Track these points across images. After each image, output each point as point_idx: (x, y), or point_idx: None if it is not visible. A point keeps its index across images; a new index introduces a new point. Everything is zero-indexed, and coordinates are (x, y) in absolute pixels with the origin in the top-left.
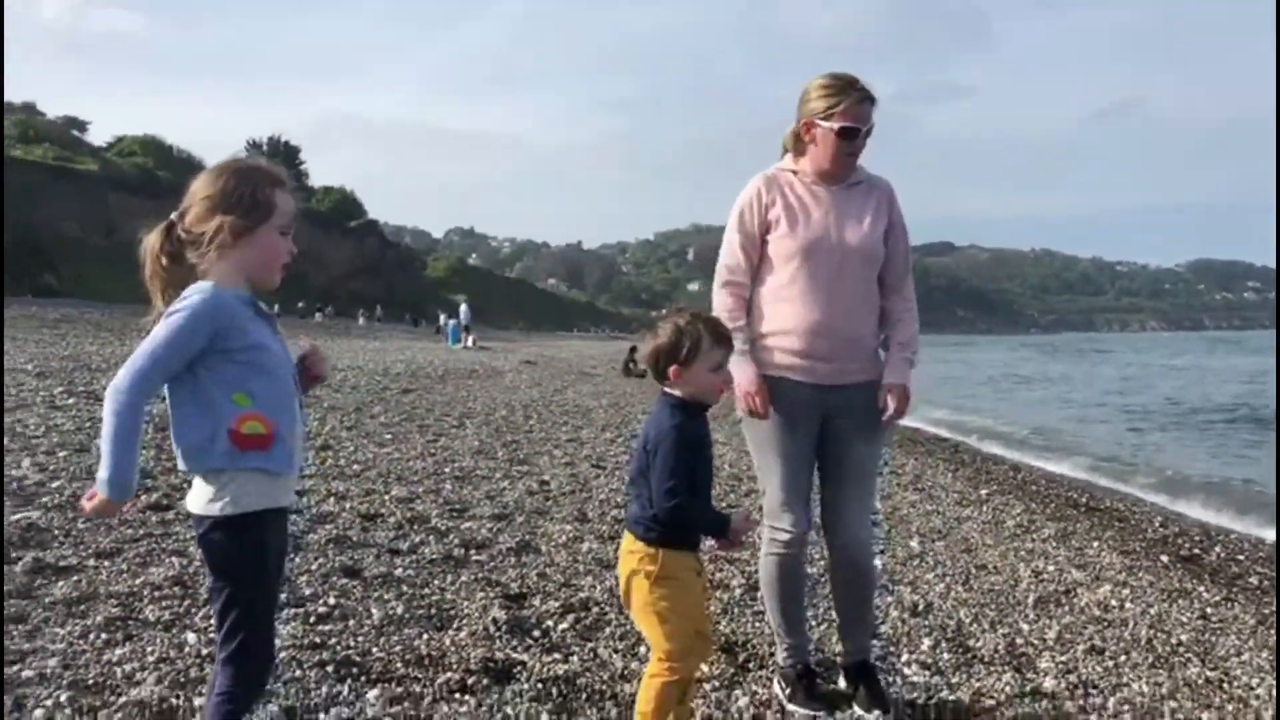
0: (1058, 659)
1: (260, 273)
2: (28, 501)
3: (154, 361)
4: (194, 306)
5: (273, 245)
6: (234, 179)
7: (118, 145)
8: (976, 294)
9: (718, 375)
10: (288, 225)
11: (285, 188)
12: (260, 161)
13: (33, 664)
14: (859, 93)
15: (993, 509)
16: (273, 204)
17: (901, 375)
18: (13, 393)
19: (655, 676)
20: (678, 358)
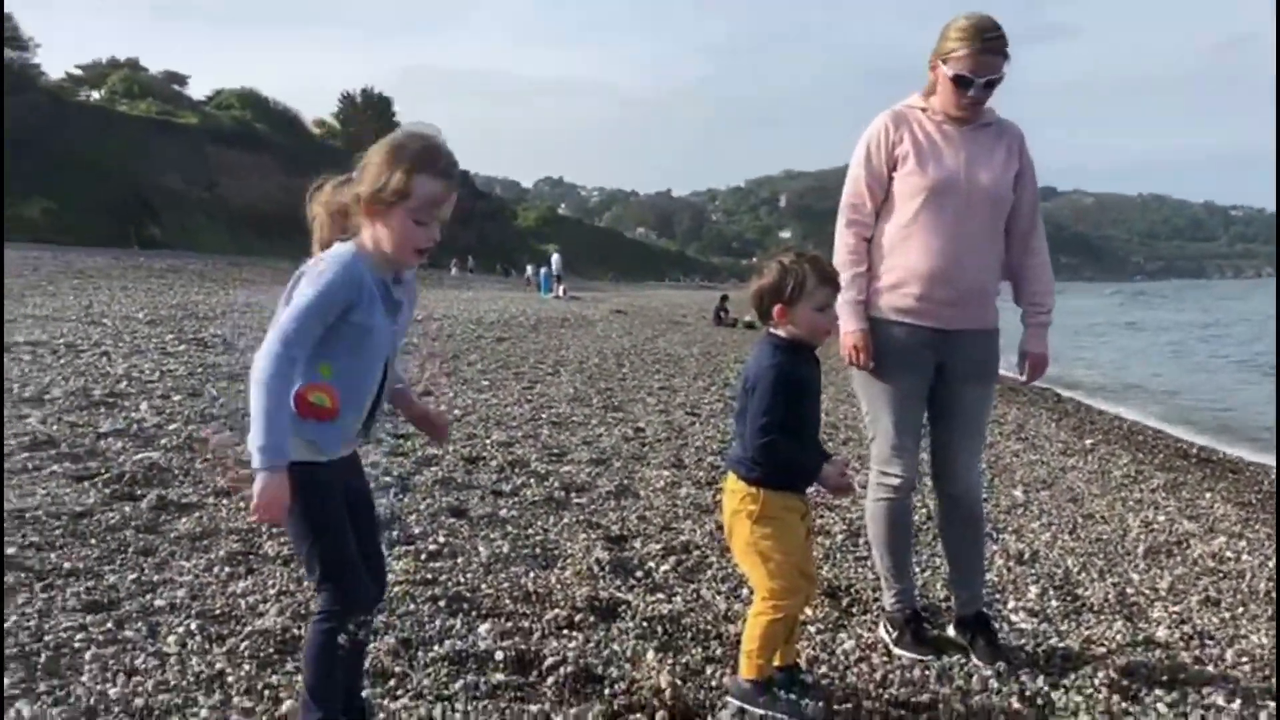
0: (1170, 609)
1: (391, 255)
2: (148, 443)
3: (303, 321)
4: (335, 272)
5: (403, 230)
6: (382, 154)
7: (216, 99)
8: (1080, 240)
9: (823, 315)
10: (423, 212)
11: (431, 172)
12: (417, 141)
13: (163, 594)
14: (985, 43)
15: (1098, 459)
16: (407, 189)
17: (1039, 342)
18: (126, 339)
19: (760, 615)
20: (782, 297)
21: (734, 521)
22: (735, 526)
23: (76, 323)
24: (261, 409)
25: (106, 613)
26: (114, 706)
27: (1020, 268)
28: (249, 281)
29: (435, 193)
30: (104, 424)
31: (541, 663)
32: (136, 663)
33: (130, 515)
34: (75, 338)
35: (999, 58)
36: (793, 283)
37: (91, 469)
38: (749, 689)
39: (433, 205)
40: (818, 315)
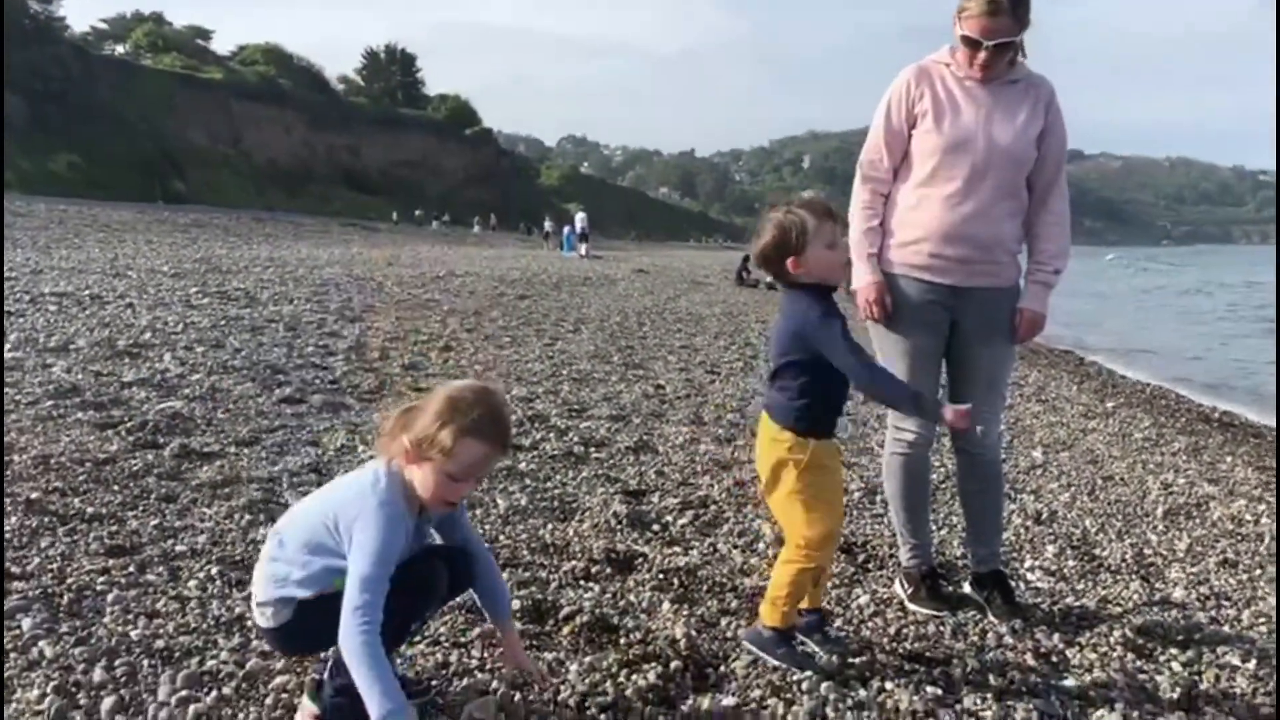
0: (1188, 570)
1: (424, 498)
2: (171, 392)
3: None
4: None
5: (438, 484)
6: (440, 405)
7: (240, 54)
8: (1106, 204)
9: (835, 251)
10: (461, 473)
11: (480, 438)
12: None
13: (184, 540)
14: (991, 4)
15: (1119, 422)
16: (452, 451)
17: (1036, 299)
18: (150, 292)
19: (791, 563)
20: (790, 249)
21: (779, 470)
22: (781, 474)
23: (102, 275)
24: (372, 680)
25: (128, 557)
26: (135, 648)
27: (1035, 224)
28: (272, 236)
29: (479, 458)
30: (128, 374)
31: (558, 612)
32: (158, 605)
33: (153, 463)
34: (101, 289)
35: (1010, 20)
36: (795, 231)
37: (115, 417)
38: (770, 637)
39: (474, 468)
40: (829, 253)
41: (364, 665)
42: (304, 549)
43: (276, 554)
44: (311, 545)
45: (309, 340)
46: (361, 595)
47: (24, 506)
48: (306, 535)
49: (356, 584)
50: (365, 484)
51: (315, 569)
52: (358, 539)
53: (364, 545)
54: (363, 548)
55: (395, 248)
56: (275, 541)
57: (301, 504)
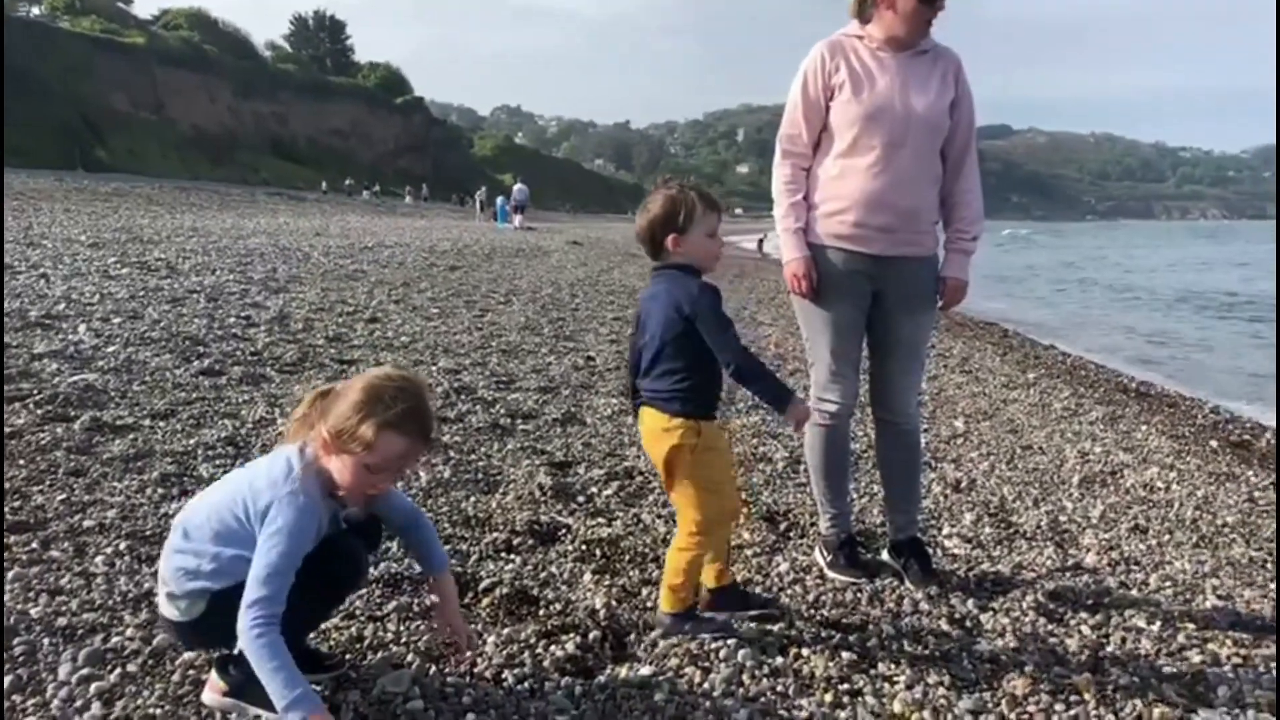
0: (1100, 536)
1: (342, 492)
2: (85, 365)
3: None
4: (301, 522)
5: (356, 476)
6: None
7: (163, 18)
8: (1033, 179)
9: (713, 240)
10: (381, 466)
11: (401, 432)
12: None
13: (93, 514)
14: None
15: (1040, 392)
16: (373, 444)
17: (958, 268)
18: (67, 262)
19: (685, 550)
20: (675, 226)
21: (674, 456)
22: (676, 461)
23: (15, 244)
24: (269, 672)
25: (32, 533)
26: (35, 626)
27: (951, 193)
28: (196, 205)
29: (400, 452)
30: (39, 345)
31: (478, 584)
32: (61, 582)
33: (62, 436)
34: (13, 259)
35: None
36: (684, 210)
37: (24, 390)
38: (672, 622)
39: (394, 461)
40: (708, 240)
41: (263, 661)
42: (213, 540)
43: (182, 546)
44: (222, 535)
45: (231, 311)
46: (261, 589)
47: None
48: (216, 525)
49: (259, 576)
50: (277, 472)
51: (225, 559)
52: (266, 529)
53: (272, 537)
54: (270, 539)
55: (323, 218)
56: (179, 534)
57: (205, 494)
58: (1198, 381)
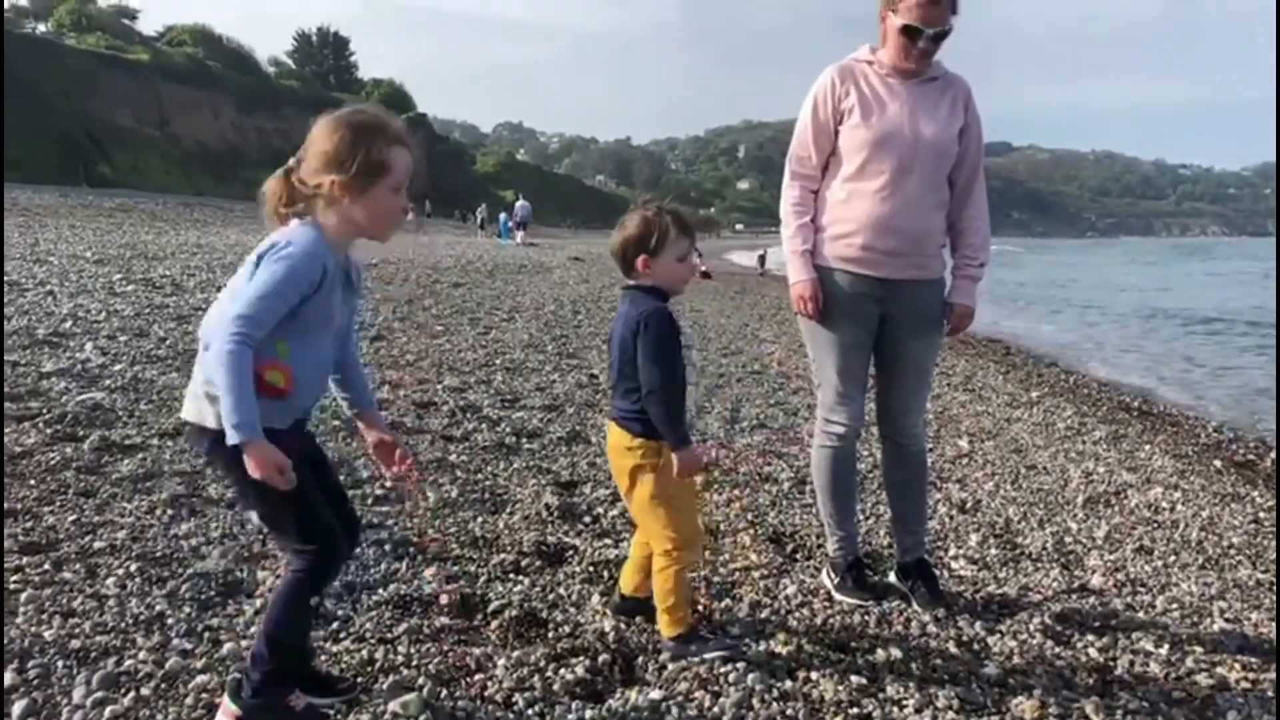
0: (1106, 557)
1: (371, 231)
2: (92, 383)
3: (261, 306)
4: (301, 257)
5: (385, 205)
6: (349, 136)
7: (168, 35)
8: (1034, 196)
9: (684, 265)
10: (401, 183)
11: (404, 144)
12: (379, 117)
13: (104, 535)
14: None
15: (1043, 411)
16: (387, 164)
17: (965, 294)
18: (73, 279)
19: (667, 569)
20: (646, 248)
21: (636, 475)
22: (638, 480)
23: (21, 261)
24: (230, 387)
25: (44, 554)
26: (49, 648)
27: (958, 220)
28: (200, 222)
29: (408, 163)
30: (47, 364)
31: (486, 606)
32: (74, 604)
33: (72, 456)
34: (19, 276)
35: (947, 10)
36: (656, 233)
37: (33, 409)
38: (676, 645)
39: (406, 174)
40: (679, 265)
41: (229, 373)
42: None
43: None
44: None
45: None
46: (249, 308)
47: None
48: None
49: (249, 297)
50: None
51: None
52: (268, 259)
53: (274, 262)
54: (270, 264)
55: None
56: (202, 348)
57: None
58: (1197, 397)
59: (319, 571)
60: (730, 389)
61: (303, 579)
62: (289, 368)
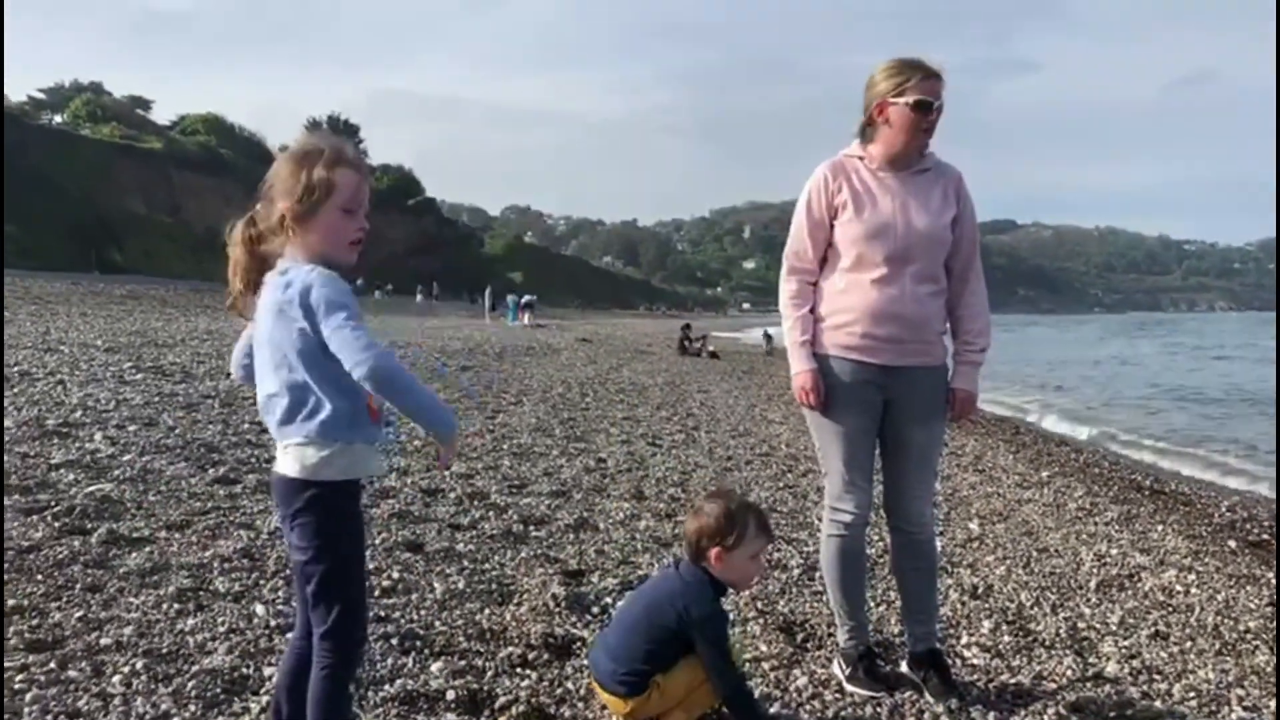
0: (1120, 644)
1: (330, 254)
2: (101, 474)
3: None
4: (342, 286)
5: (334, 225)
6: (290, 164)
7: (181, 124)
8: (1039, 272)
9: (754, 564)
10: (350, 202)
11: (347, 164)
12: (320, 141)
13: (110, 631)
14: (927, 69)
15: (1054, 491)
16: (331, 183)
17: (967, 380)
18: (83, 368)
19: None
20: (722, 542)
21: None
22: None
23: (33, 350)
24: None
25: (50, 652)
26: None
27: (957, 306)
28: (210, 308)
29: (355, 182)
30: (56, 455)
31: (494, 702)
32: (79, 704)
33: (79, 550)
34: (30, 365)
35: (940, 84)
36: (736, 530)
37: (41, 501)
38: None
39: (355, 194)
40: (750, 564)
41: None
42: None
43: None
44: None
45: (245, 416)
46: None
47: None
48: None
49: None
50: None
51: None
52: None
53: (327, 298)
54: (332, 314)
55: None
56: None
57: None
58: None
59: (350, 653)
60: (739, 472)
61: (336, 666)
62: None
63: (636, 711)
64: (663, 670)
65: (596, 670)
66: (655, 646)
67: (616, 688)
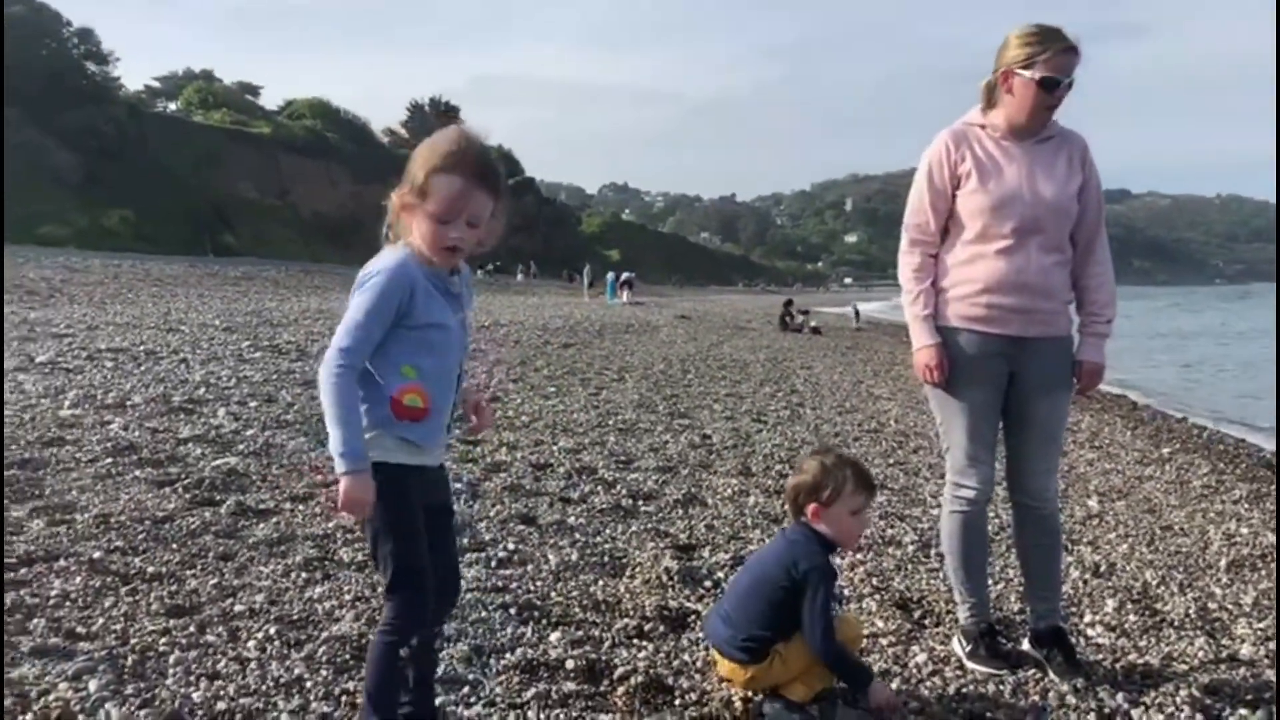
0: (1255, 625)
1: (427, 250)
2: (226, 448)
3: (358, 334)
4: (385, 277)
5: (428, 229)
6: (417, 155)
7: (288, 109)
8: (1155, 243)
9: (855, 519)
10: (445, 212)
11: (451, 172)
12: (446, 140)
13: (243, 598)
14: (1063, 43)
15: (1176, 468)
16: (425, 189)
17: (1094, 351)
18: (204, 346)
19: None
20: (819, 498)
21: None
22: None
23: (156, 330)
24: (333, 418)
25: (189, 617)
26: (198, 710)
27: (1082, 276)
28: (320, 288)
29: (454, 192)
30: (183, 430)
31: (612, 672)
32: (218, 666)
33: (210, 520)
34: (155, 345)
35: (1075, 58)
36: (832, 486)
37: (172, 474)
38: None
39: (452, 204)
40: (850, 519)
41: (333, 404)
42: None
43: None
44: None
45: None
46: (346, 337)
47: (87, 566)
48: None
49: (344, 327)
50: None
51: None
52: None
53: (361, 293)
54: (359, 295)
55: None
56: None
57: None
58: None
59: (402, 626)
60: (847, 449)
61: (389, 632)
62: (423, 387)
63: (757, 679)
64: (784, 638)
65: (715, 638)
66: (770, 609)
67: (736, 654)
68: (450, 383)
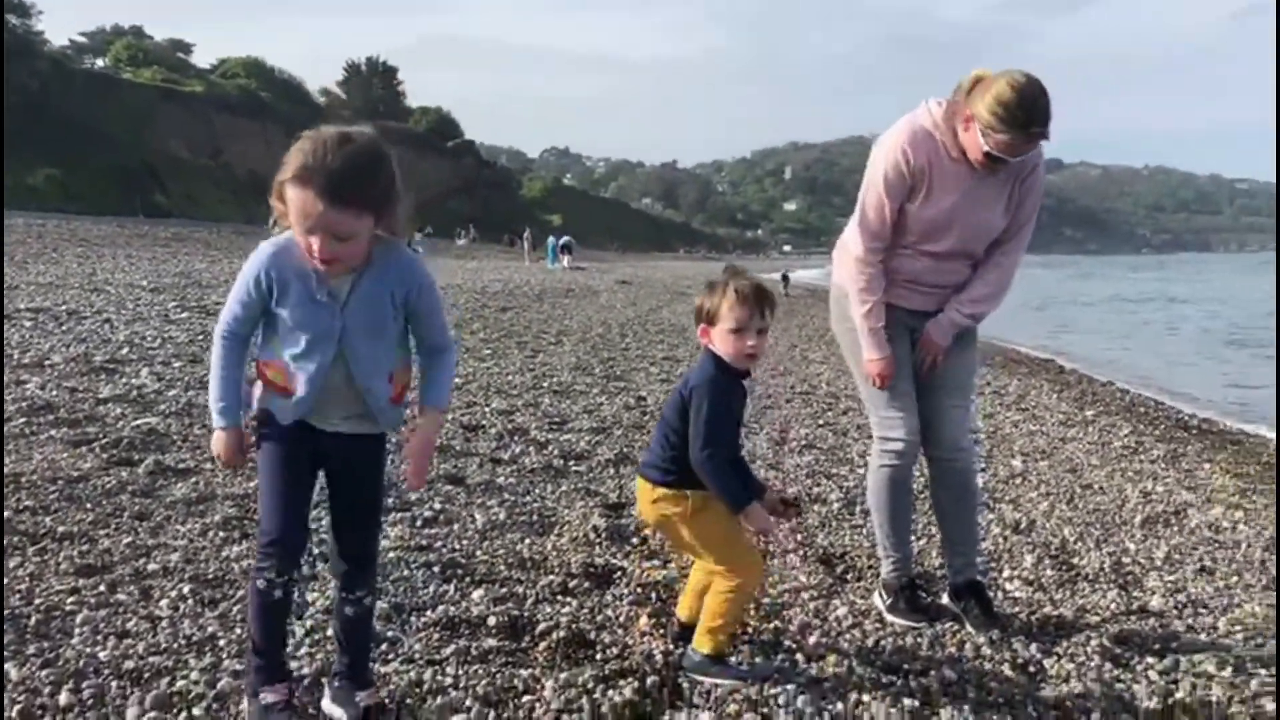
0: (1165, 578)
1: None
2: (147, 408)
3: (226, 312)
4: (247, 267)
5: (299, 238)
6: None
7: (221, 67)
8: (1086, 213)
9: (739, 337)
10: (302, 225)
11: (300, 185)
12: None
13: (157, 558)
14: (1026, 133)
15: (1099, 430)
16: (281, 196)
17: (940, 330)
18: (129, 307)
19: (727, 594)
20: (704, 317)
21: (666, 526)
22: (669, 531)
23: (79, 290)
24: (212, 377)
25: (99, 576)
26: (104, 669)
27: (981, 266)
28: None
29: (305, 208)
30: (104, 390)
31: (534, 628)
32: (128, 625)
33: (127, 480)
34: (78, 305)
35: (1037, 144)
36: (710, 305)
37: (90, 434)
38: (701, 661)
39: (306, 218)
40: (732, 336)
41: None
42: None
43: None
44: None
45: None
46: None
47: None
48: None
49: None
50: None
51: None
52: None
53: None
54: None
55: None
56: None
57: None
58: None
59: (259, 563)
60: (779, 409)
61: (250, 573)
62: (282, 367)
63: (662, 507)
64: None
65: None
66: (673, 432)
67: (649, 471)
68: (316, 371)
